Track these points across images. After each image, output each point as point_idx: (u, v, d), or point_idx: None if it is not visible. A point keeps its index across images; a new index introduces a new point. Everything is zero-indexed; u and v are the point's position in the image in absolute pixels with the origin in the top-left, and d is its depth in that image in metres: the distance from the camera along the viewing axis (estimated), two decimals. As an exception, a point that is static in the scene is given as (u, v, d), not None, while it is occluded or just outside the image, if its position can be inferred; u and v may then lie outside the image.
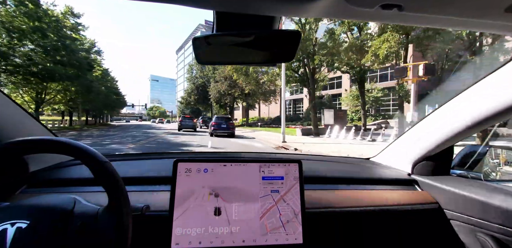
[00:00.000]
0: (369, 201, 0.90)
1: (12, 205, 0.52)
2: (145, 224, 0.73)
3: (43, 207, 0.52)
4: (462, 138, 0.93)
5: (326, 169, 1.12)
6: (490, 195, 0.81)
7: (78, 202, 0.56)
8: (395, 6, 0.42)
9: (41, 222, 0.49)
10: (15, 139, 0.51)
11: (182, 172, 0.69)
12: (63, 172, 0.92)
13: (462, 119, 0.85)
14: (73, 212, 0.53)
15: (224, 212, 0.68)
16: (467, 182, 0.97)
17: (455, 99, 0.88)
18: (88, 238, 0.51)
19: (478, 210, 0.81)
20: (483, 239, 0.80)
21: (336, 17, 0.53)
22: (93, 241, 0.51)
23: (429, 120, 1.00)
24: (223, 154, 1.30)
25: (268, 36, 0.54)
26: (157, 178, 0.89)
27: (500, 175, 1.13)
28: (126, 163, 1.05)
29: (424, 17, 0.48)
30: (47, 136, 0.53)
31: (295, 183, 0.73)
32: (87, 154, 0.52)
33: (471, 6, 0.43)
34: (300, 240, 0.69)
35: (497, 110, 0.75)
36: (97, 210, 0.55)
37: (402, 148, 1.14)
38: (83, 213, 0.53)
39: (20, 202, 0.53)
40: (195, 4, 0.47)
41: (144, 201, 0.68)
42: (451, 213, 0.90)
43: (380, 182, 1.05)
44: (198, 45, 0.55)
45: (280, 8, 0.47)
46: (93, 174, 0.52)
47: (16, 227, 0.47)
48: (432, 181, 0.99)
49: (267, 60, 0.60)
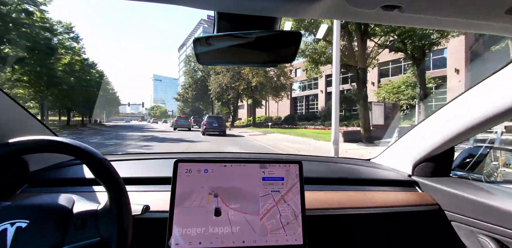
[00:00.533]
0: (369, 202, 0.90)
1: (12, 205, 0.53)
2: (145, 224, 0.73)
3: (42, 206, 0.52)
4: (463, 139, 0.93)
5: (327, 170, 1.12)
6: (491, 197, 0.81)
7: (77, 201, 0.57)
8: (396, 7, 0.42)
9: (40, 221, 0.49)
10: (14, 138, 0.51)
11: (182, 173, 0.69)
12: (64, 172, 0.92)
13: (463, 120, 0.85)
14: (72, 211, 0.53)
15: (224, 212, 0.68)
16: (468, 183, 0.97)
17: (455, 101, 0.88)
18: (88, 235, 0.51)
19: (479, 211, 0.81)
20: (484, 241, 0.80)
21: (337, 18, 0.53)
22: (94, 238, 0.51)
23: (430, 121, 1.00)
24: (223, 154, 1.30)
25: (269, 37, 0.54)
26: (157, 179, 0.89)
27: (501, 176, 1.13)
28: (126, 163, 1.05)
29: (424, 18, 0.48)
30: (45, 136, 0.53)
31: (296, 183, 0.73)
32: (85, 152, 0.52)
33: (471, 7, 0.43)
34: (300, 241, 0.68)
35: (497, 111, 0.75)
36: (97, 208, 0.55)
37: (402, 149, 1.14)
38: (83, 211, 0.54)
39: (20, 202, 0.53)
40: (196, 5, 0.47)
41: (144, 202, 0.68)
42: (451, 215, 0.90)
43: (381, 183, 1.05)
44: (198, 45, 0.55)
45: (281, 8, 0.47)
46: (91, 172, 0.52)
47: (16, 227, 0.47)
48: (433, 182, 0.99)
49: (268, 61, 0.60)
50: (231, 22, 0.54)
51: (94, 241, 0.51)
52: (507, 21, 0.47)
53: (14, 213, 0.50)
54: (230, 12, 0.49)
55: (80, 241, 0.50)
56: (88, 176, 0.86)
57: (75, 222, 0.51)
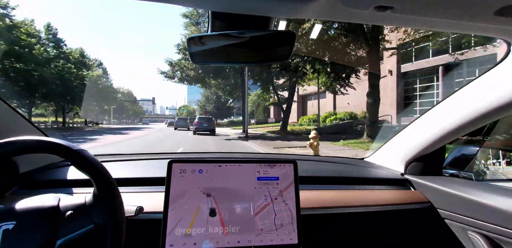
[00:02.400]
0: (362, 201, 0.91)
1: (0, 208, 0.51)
2: (139, 226, 0.72)
3: (28, 206, 0.52)
4: (454, 138, 0.95)
5: (321, 169, 1.13)
6: (481, 194, 0.83)
7: (63, 198, 0.56)
8: (389, 8, 0.43)
9: (27, 220, 0.49)
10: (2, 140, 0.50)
11: (177, 173, 0.68)
12: (54, 173, 0.90)
13: (453, 119, 0.87)
14: (59, 206, 0.53)
15: (219, 212, 0.67)
16: (459, 181, 0.99)
17: (447, 100, 0.90)
18: (81, 224, 0.51)
19: (469, 209, 0.83)
20: (474, 238, 0.82)
21: (330, 18, 0.53)
22: (87, 225, 0.51)
23: (421, 120, 1.02)
24: (218, 154, 1.29)
25: (263, 36, 0.54)
26: (151, 179, 0.88)
27: (490, 174, 1.16)
28: (119, 164, 1.04)
29: (416, 19, 0.49)
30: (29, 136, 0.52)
31: (290, 183, 0.74)
32: (62, 147, 0.51)
33: (461, 9, 0.44)
34: (295, 240, 0.69)
35: (487, 110, 0.77)
36: (84, 199, 0.55)
37: (395, 148, 1.16)
38: (70, 205, 0.54)
39: (7, 205, 0.52)
40: (191, 4, 0.47)
41: (138, 203, 0.68)
42: (443, 212, 0.91)
43: (374, 182, 1.06)
44: (192, 45, 0.55)
45: (275, 8, 0.47)
46: (75, 166, 0.52)
47: (2, 230, 0.47)
48: (425, 180, 1.01)
49: (262, 60, 0.60)
50: (225, 21, 0.53)
51: (88, 228, 0.51)
52: (496, 22, 0.48)
53: (0, 216, 0.49)
54: (224, 11, 0.49)
55: (74, 229, 0.50)
56: (80, 177, 0.84)
57: (65, 215, 0.51)
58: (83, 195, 0.57)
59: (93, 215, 0.52)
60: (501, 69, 0.73)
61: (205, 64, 0.64)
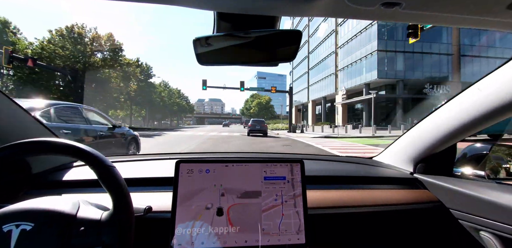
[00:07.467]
0: (371, 201, 0.90)
1: (17, 207, 0.53)
2: (148, 225, 0.73)
3: (48, 210, 0.52)
4: (465, 136, 0.92)
5: (328, 169, 1.12)
6: (493, 194, 0.81)
7: (82, 206, 0.57)
8: (396, 4, 0.42)
9: (45, 225, 0.50)
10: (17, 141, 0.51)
11: (184, 173, 0.69)
12: (66, 174, 0.92)
13: (464, 117, 0.85)
14: (76, 216, 0.53)
15: (226, 212, 0.68)
16: (470, 180, 0.97)
17: (457, 98, 0.88)
18: (90, 242, 0.51)
19: (481, 208, 0.81)
20: (487, 238, 0.80)
21: (337, 16, 0.52)
22: (96, 246, 0.51)
23: (431, 118, 1.00)
24: (225, 154, 1.30)
25: (269, 36, 0.54)
26: (159, 179, 0.89)
27: (503, 173, 1.13)
28: (128, 164, 1.06)
29: (425, 15, 0.48)
30: (51, 138, 0.53)
31: (297, 183, 0.73)
32: (94, 158, 0.53)
33: (472, 3, 0.43)
34: (302, 240, 0.68)
35: (498, 108, 0.75)
36: (100, 215, 0.55)
37: (404, 147, 1.14)
38: (86, 219, 0.54)
39: (25, 204, 0.54)
40: (196, 5, 0.47)
41: (146, 202, 0.68)
42: (454, 212, 0.90)
43: (383, 181, 1.04)
44: (199, 46, 0.55)
45: (281, 7, 0.46)
46: (98, 178, 0.53)
47: (20, 229, 0.48)
48: (435, 180, 0.99)
49: (269, 60, 0.60)
50: (230, 22, 0.54)
51: (96, 246, 0.51)
52: (509, 16, 0.47)
53: (19, 215, 0.50)
54: (229, 12, 0.49)
55: (82, 246, 0.50)
56: (91, 178, 0.86)
57: (78, 230, 0.52)
58: (99, 212, 0.57)
59: (103, 235, 0.52)
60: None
61: (212, 65, 0.65)
